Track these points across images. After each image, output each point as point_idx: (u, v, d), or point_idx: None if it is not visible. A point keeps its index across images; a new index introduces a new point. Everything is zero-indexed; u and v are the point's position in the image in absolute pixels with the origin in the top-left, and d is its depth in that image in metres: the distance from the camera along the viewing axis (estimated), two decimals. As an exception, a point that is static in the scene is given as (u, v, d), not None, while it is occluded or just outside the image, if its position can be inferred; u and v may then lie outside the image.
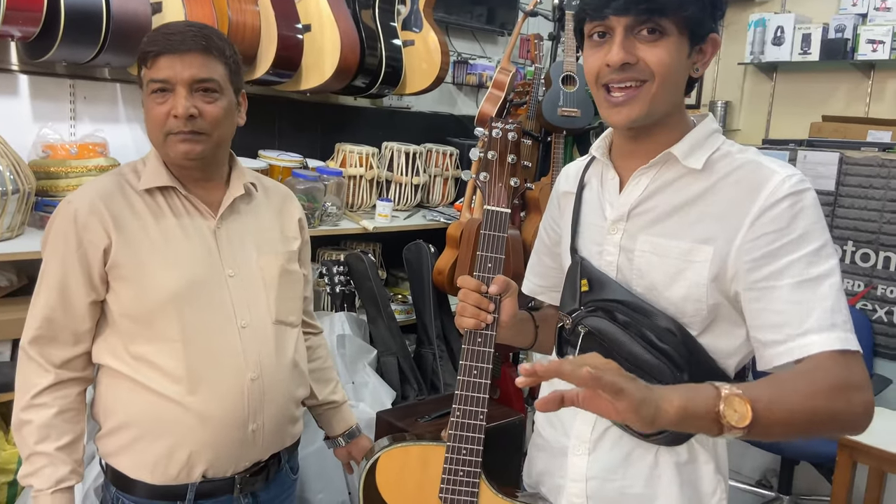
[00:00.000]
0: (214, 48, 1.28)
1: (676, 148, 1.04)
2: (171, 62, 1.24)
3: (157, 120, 1.26)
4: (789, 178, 0.98)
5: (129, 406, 1.31)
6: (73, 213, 1.28)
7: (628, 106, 1.00)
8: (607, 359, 0.82)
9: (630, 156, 1.10)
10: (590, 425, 1.12)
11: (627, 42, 0.98)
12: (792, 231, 0.96)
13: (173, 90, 1.25)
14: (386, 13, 2.84)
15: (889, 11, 3.40)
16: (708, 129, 1.07)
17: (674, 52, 0.98)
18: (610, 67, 0.99)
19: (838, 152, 3.02)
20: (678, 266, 1.03)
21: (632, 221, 1.08)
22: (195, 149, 1.28)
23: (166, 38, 1.25)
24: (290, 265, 1.45)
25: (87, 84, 2.34)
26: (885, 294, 2.92)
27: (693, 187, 1.04)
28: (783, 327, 0.95)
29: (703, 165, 1.03)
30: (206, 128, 1.28)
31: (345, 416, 1.66)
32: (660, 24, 0.97)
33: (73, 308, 1.29)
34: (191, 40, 1.25)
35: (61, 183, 2.09)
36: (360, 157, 2.87)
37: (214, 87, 1.28)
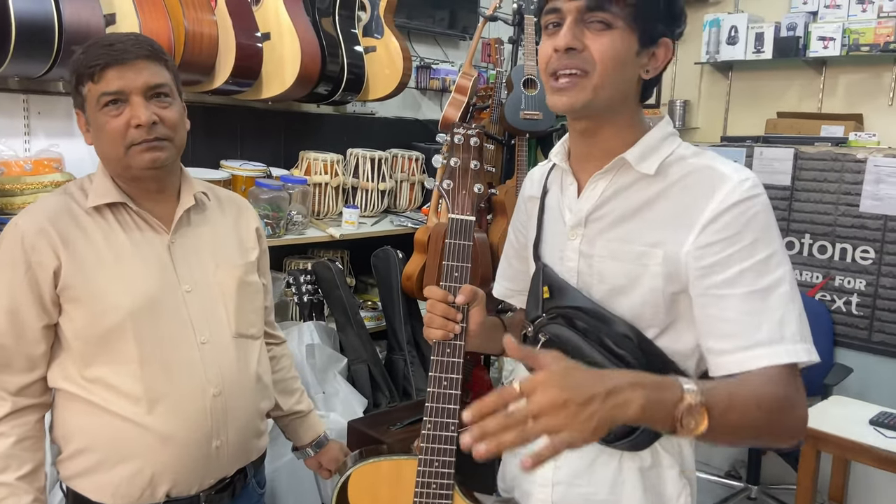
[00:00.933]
0: (158, 55, 1.27)
1: (629, 153, 1.05)
2: (121, 73, 1.22)
3: (116, 133, 1.24)
4: (742, 183, 0.98)
5: (89, 429, 1.28)
6: (20, 236, 1.24)
7: (570, 92, 1.00)
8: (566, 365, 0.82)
9: (586, 160, 1.10)
10: None
11: (576, 29, 0.99)
12: (743, 238, 0.97)
13: (127, 101, 1.23)
14: (346, 20, 2.84)
15: (839, 9, 3.50)
16: (662, 132, 1.07)
17: (619, 44, 0.99)
18: (557, 53, 1.00)
19: (793, 148, 3.09)
20: (635, 270, 1.04)
21: (590, 227, 1.09)
22: (160, 156, 1.26)
23: (109, 50, 1.22)
24: (248, 277, 1.43)
25: (40, 98, 2.29)
26: (842, 284, 3.00)
27: (646, 192, 1.05)
28: (732, 338, 0.96)
29: (657, 170, 1.04)
30: (168, 133, 1.27)
31: (312, 425, 1.64)
32: (608, 15, 0.98)
33: (26, 333, 1.26)
34: (135, 48, 1.24)
35: (16, 200, 2.04)
36: (325, 165, 2.85)
37: (167, 91, 1.27)
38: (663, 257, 1.01)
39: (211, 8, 2.35)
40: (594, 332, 1.05)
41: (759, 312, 0.95)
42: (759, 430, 0.92)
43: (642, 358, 1.03)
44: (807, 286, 3.07)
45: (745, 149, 3.19)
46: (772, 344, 0.94)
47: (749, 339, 0.95)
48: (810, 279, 3.07)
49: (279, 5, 2.52)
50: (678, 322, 1.05)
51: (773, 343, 0.94)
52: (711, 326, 0.99)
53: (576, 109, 1.02)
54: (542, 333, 1.11)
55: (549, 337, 1.10)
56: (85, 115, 1.28)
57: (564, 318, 1.08)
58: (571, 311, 1.08)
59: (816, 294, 3.05)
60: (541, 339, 1.11)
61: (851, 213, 2.96)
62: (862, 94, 3.59)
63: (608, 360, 1.03)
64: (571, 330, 1.07)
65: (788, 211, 3.10)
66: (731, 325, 0.96)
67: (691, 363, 1.07)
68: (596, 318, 1.06)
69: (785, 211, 3.11)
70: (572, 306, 1.08)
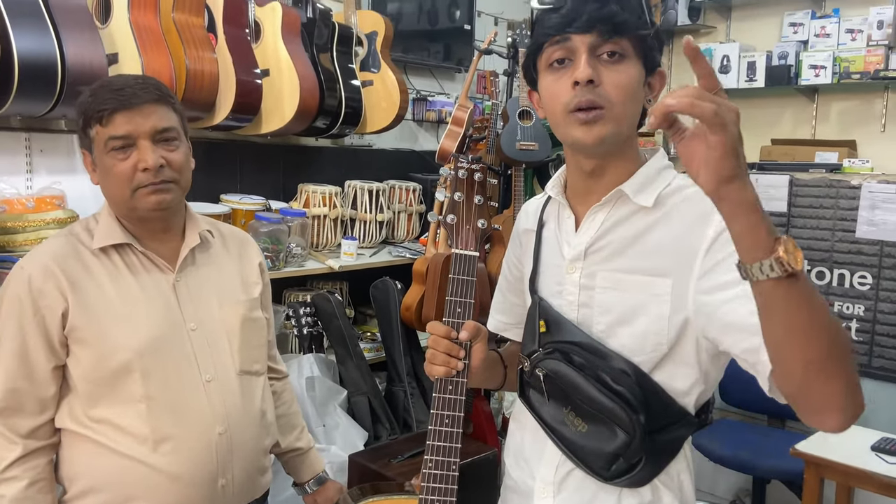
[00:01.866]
0: (166, 97, 1.29)
1: (627, 185, 1.05)
2: (130, 117, 1.24)
3: (123, 176, 1.25)
4: None
5: (95, 470, 1.28)
6: (28, 279, 1.26)
7: (599, 124, 0.99)
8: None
9: (585, 193, 1.10)
10: (553, 467, 1.12)
11: (591, 61, 0.98)
12: None
13: (135, 144, 1.25)
14: (344, 55, 2.88)
15: (829, 37, 3.56)
16: (659, 164, 1.08)
17: (633, 75, 1.00)
18: (578, 85, 0.97)
19: (788, 175, 3.12)
20: (640, 299, 1.04)
21: (589, 259, 1.09)
22: (166, 198, 1.28)
23: (118, 94, 1.24)
24: (252, 313, 1.44)
25: (42, 136, 2.31)
26: (841, 310, 3.01)
27: (644, 222, 1.05)
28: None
29: (654, 202, 1.05)
30: (175, 175, 1.28)
31: (311, 462, 1.64)
32: (620, 46, 0.98)
33: (37, 375, 1.27)
34: (143, 92, 1.26)
35: (19, 238, 2.05)
36: (324, 197, 2.87)
37: (174, 134, 1.30)
38: (672, 285, 1.01)
39: (212, 46, 2.39)
40: (591, 367, 1.05)
41: None
42: (832, 338, 0.80)
43: (640, 394, 1.02)
44: (805, 312, 3.08)
45: (740, 176, 3.22)
46: None
47: None
48: (809, 305, 3.07)
49: (278, 42, 2.56)
50: (674, 359, 1.04)
51: None
52: (742, 328, 0.92)
53: (605, 141, 1.00)
54: (538, 368, 1.10)
55: (546, 372, 1.09)
56: (91, 156, 1.30)
57: (561, 352, 1.08)
58: (568, 346, 1.08)
59: (815, 320, 3.06)
60: (539, 375, 1.10)
61: (848, 239, 2.97)
62: (854, 120, 3.64)
63: (605, 396, 1.02)
64: (568, 365, 1.06)
65: (785, 237, 3.12)
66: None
67: (690, 400, 1.06)
68: (593, 354, 1.05)
69: (781, 237, 3.13)
70: (569, 341, 1.08)
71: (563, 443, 1.09)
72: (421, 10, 3.51)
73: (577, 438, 1.07)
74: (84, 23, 2.07)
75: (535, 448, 1.15)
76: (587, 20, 0.97)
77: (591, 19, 0.97)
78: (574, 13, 0.98)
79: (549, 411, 1.11)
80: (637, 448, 1.02)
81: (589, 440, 1.06)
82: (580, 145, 1.02)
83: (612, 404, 1.02)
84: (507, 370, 1.28)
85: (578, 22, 0.98)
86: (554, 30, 1.00)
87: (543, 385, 1.10)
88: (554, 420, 1.10)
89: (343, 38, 2.88)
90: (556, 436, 1.10)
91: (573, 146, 1.05)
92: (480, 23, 3.80)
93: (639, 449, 1.02)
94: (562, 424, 1.09)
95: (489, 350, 1.18)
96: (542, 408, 1.12)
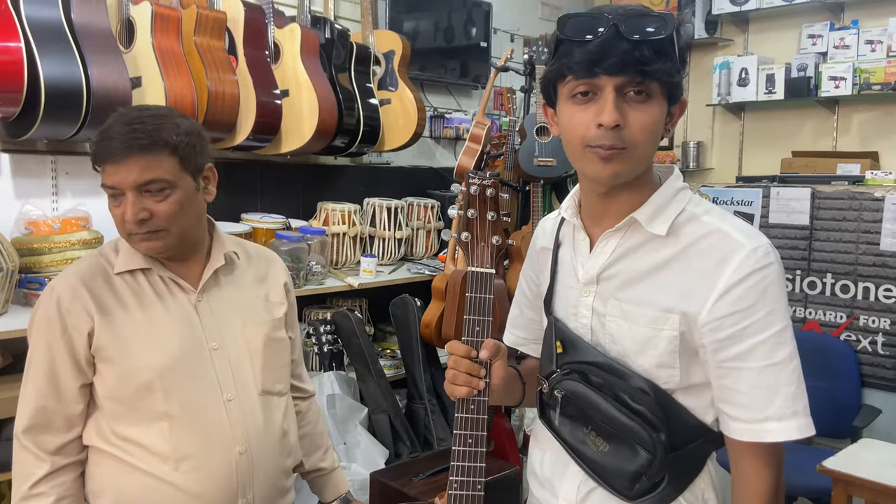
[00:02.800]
0: (155, 144, 1.23)
1: (640, 213, 1.04)
2: (115, 169, 1.22)
3: (118, 222, 1.27)
4: (754, 252, 0.98)
5: (119, 487, 1.30)
6: (57, 300, 1.29)
7: (616, 162, 0.97)
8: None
9: (600, 215, 1.09)
10: (575, 486, 1.11)
11: (618, 103, 0.95)
12: (757, 311, 0.96)
13: (123, 195, 1.24)
14: (362, 75, 2.91)
15: (848, 49, 3.54)
16: (673, 188, 1.06)
17: (657, 115, 0.98)
18: (602, 128, 0.95)
19: (810, 187, 3.09)
20: (647, 334, 1.03)
21: (602, 285, 1.08)
22: (156, 245, 1.28)
23: (106, 146, 1.22)
24: (275, 333, 1.45)
25: (68, 159, 2.36)
26: (867, 324, 2.96)
27: (659, 254, 1.04)
28: (747, 409, 0.98)
29: (668, 231, 1.03)
30: (162, 224, 1.26)
31: (335, 483, 1.63)
32: (648, 87, 0.96)
33: (64, 393, 1.29)
34: (127, 145, 1.21)
35: (45, 259, 2.08)
36: (343, 215, 2.89)
37: (162, 185, 1.24)
38: (679, 322, 1.01)
39: (232, 68, 2.43)
40: (609, 387, 1.04)
41: (772, 386, 0.97)
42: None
43: (660, 413, 1.02)
44: (831, 326, 3.03)
45: (761, 189, 3.20)
46: (782, 419, 0.96)
47: (761, 413, 0.97)
48: (834, 319, 3.03)
49: (297, 63, 2.60)
50: (692, 379, 1.04)
51: (783, 418, 0.97)
52: (725, 395, 1.00)
53: (621, 177, 1.00)
54: (557, 390, 1.10)
55: (565, 393, 1.09)
56: None
57: (579, 373, 1.07)
58: (586, 367, 1.07)
59: (841, 334, 3.01)
60: (557, 396, 1.10)
61: (872, 252, 2.93)
62: (876, 131, 3.60)
63: (625, 416, 1.02)
64: (587, 385, 1.06)
65: (809, 251, 3.08)
66: (745, 397, 0.97)
67: (710, 415, 1.06)
68: (611, 373, 1.05)
69: (805, 251, 3.09)
70: (586, 361, 1.07)
71: (584, 462, 1.09)
72: (437, 27, 3.54)
73: (599, 458, 1.07)
74: (108, 47, 2.11)
75: (558, 467, 1.15)
76: (618, 63, 0.94)
77: (622, 63, 0.93)
78: (604, 52, 0.94)
79: (569, 431, 1.11)
80: (659, 467, 1.01)
81: (610, 459, 1.05)
82: (595, 179, 1.01)
83: (632, 423, 1.02)
84: (525, 386, 1.27)
85: (608, 62, 0.94)
86: (581, 67, 0.95)
87: (562, 406, 1.10)
88: (575, 440, 1.10)
89: (361, 57, 2.91)
90: (577, 455, 1.10)
91: (588, 178, 1.04)
92: (496, 39, 3.83)
93: (661, 467, 1.01)
94: (583, 444, 1.09)
95: (508, 366, 1.18)
96: (562, 428, 1.12)
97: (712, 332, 0.99)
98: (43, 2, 2.01)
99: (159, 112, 1.29)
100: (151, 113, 1.28)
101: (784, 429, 0.96)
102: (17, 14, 1.96)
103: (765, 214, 3.15)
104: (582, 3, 4.50)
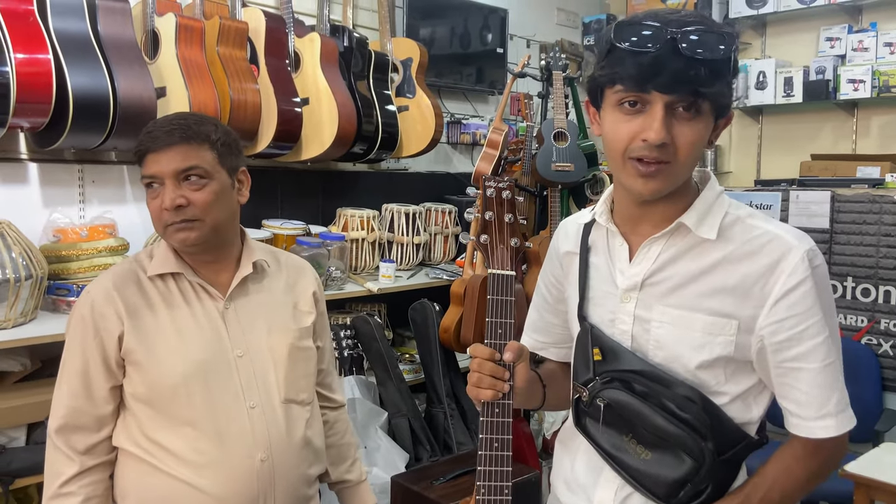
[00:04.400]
0: (197, 135, 1.30)
1: (687, 217, 1.03)
2: (156, 158, 1.29)
3: (154, 214, 1.32)
4: (807, 255, 0.99)
5: (143, 489, 1.32)
6: (91, 303, 1.33)
7: (658, 179, 0.97)
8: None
9: (637, 221, 1.07)
10: (612, 491, 1.10)
11: (667, 120, 0.93)
12: (814, 313, 0.99)
13: (162, 184, 1.30)
14: (380, 82, 2.94)
15: (867, 52, 3.51)
16: (714, 192, 1.05)
17: (703, 131, 0.97)
18: (646, 143, 0.94)
19: (829, 190, 3.07)
20: (702, 339, 1.02)
21: (645, 291, 1.06)
22: (190, 236, 1.31)
23: (150, 137, 1.31)
24: (301, 342, 1.45)
25: (94, 168, 2.41)
26: (888, 328, 2.93)
27: (708, 257, 1.03)
28: (806, 406, 1.02)
29: (717, 234, 1.02)
30: (198, 214, 1.30)
31: (362, 495, 1.63)
32: (698, 106, 0.94)
33: (95, 394, 1.32)
34: (170, 134, 1.29)
35: (73, 266, 2.13)
36: (362, 221, 2.92)
37: (200, 173, 1.30)
38: (737, 329, 1.01)
39: (254, 77, 2.47)
40: (654, 395, 1.03)
41: (829, 385, 1.01)
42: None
43: (707, 421, 1.01)
44: (852, 330, 3.01)
45: (780, 192, 3.18)
46: (839, 413, 1.02)
47: (821, 410, 1.01)
48: (855, 323, 3.01)
49: (317, 71, 2.64)
50: (739, 386, 1.05)
51: (839, 413, 1.02)
52: (786, 392, 1.04)
53: (661, 193, 1.00)
54: (598, 399, 1.08)
55: (607, 402, 1.07)
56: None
57: (621, 381, 1.06)
58: (629, 375, 1.06)
59: (862, 338, 2.99)
60: (600, 405, 1.08)
61: (893, 255, 2.91)
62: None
63: (672, 425, 1.02)
64: (630, 394, 1.05)
65: (829, 254, 3.07)
66: (805, 395, 1.01)
67: (751, 424, 1.07)
68: (655, 382, 1.04)
69: (825, 254, 3.07)
70: (629, 370, 1.06)
71: (623, 469, 1.08)
72: (454, 34, 3.57)
73: (640, 465, 1.06)
74: (134, 59, 2.16)
75: (591, 473, 1.14)
76: (671, 81, 0.91)
77: (675, 82, 0.91)
78: (658, 68, 0.91)
79: (608, 439, 1.09)
80: (706, 475, 1.02)
81: (652, 467, 1.04)
82: (634, 193, 1.01)
83: (679, 432, 1.01)
84: (545, 389, 1.25)
85: (661, 79, 0.91)
86: (633, 81, 0.93)
87: (604, 415, 1.08)
88: (613, 447, 1.09)
89: (379, 65, 2.95)
90: (615, 462, 1.09)
91: (626, 189, 1.03)
92: (513, 45, 3.84)
93: (708, 476, 1.02)
94: (622, 452, 1.08)
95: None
96: (600, 436, 1.11)
97: (771, 335, 1.01)
98: (70, 15, 2.07)
99: (200, 115, 1.38)
100: (192, 114, 1.38)
101: (839, 424, 1.01)
102: (45, 27, 2.01)
103: (784, 218, 3.14)
104: (598, 7, 4.50)
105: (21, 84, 1.92)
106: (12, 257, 1.93)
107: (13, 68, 1.91)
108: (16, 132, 2.22)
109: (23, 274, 1.94)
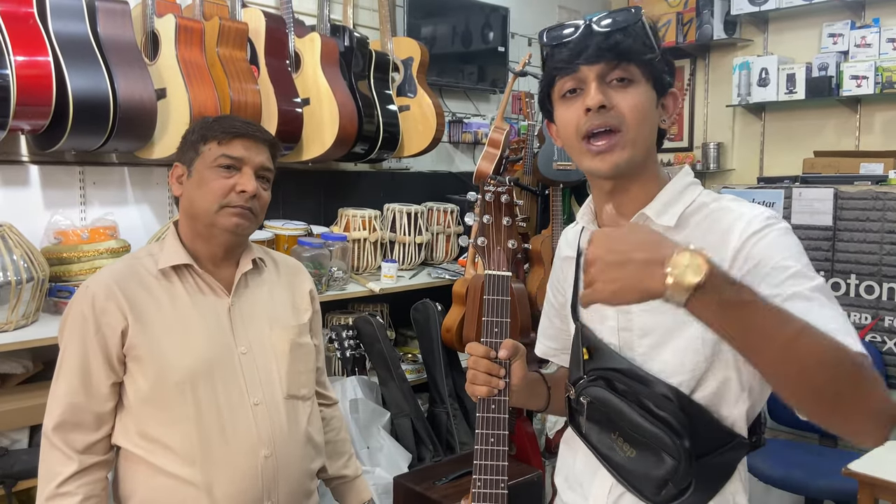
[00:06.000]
0: (276, 145, 1.46)
1: (649, 208, 1.06)
2: (248, 145, 1.37)
3: (218, 191, 1.35)
4: (757, 216, 1.00)
5: (147, 489, 1.32)
6: (91, 298, 1.32)
7: (614, 152, 1.02)
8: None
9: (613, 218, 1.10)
10: (605, 490, 1.12)
11: (602, 88, 1.02)
12: (773, 258, 0.95)
13: (240, 169, 1.36)
14: (381, 82, 2.94)
15: (870, 48, 3.50)
16: (682, 183, 1.08)
17: (643, 97, 1.03)
18: (590, 111, 1.01)
19: (832, 187, 3.06)
20: (675, 319, 1.03)
21: None
22: (244, 223, 1.37)
23: (244, 126, 1.39)
24: (301, 338, 1.48)
25: (95, 170, 2.41)
26: (892, 325, 2.92)
27: None
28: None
29: (677, 222, 1.05)
30: (259, 209, 1.39)
31: (358, 491, 1.65)
32: (628, 71, 1.02)
33: (95, 390, 1.32)
34: (262, 133, 1.42)
35: (74, 268, 2.13)
36: (363, 221, 2.92)
37: (270, 177, 1.43)
38: None
39: (254, 77, 2.47)
40: (633, 393, 1.05)
41: (807, 312, 0.86)
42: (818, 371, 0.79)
43: (684, 419, 1.01)
44: (856, 328, 3.00)
45: (782, 190, 3.17)
46: (847, 335, 0.87)
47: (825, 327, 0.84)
48: (859, 320, 3.00)
49: (317, 71, 2.64)
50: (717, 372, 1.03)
51: (848, 335, 0.87)
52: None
53: (619, 167, 1.03)
54: (583, 396, 1.10)
55: (590, 399, 1.09)
56: (189, 169, 1.39)
57: (604, 379, 1.08)
58: (611, 373, 1.08)
59: (866, 336, 2.97)
60: (583, 402, 1.10)
61: (897, 252, 2.90)
62: (900, 130, 3.56)
63: (649, 423, 1.02)
64: (611, 392, 1.07)
65: (832, 251, 3.05)
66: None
67: (737, 418, 1.05)
68: (634, 380, 1.05)
69: (829, 251, 3.06)
70: (611, 368, 1.08)
71: (613, 467, 1.09)
72: (455, 33, 3.56)
73: (627, 463, 1.07)
74: (134, 60, 2.16)
75: (588, 471, 1.16)
76: (595, 51, 1.01)
77: (598, 50, 1.01)
78: (581, 46, 1.03)
79: (597, 437, 1.11)
80: (685, 473, 1.01)
81: (638, 465, 1.05)
82: (596, 173, 1.06)
83: (656, 430, 1.02)
84: (551, 392, 1.28)
85: (586, 53, 1.02)
86: (564, 63, 1.04)
87: (589, 412, 1.11)
88: (603, 445, 1.11)
89: (380, 64, 2.94)
90: (606, 461, 1.10)
91: (589, 173, 1.08)
92: (514, 44, 3.84)
93: (686, 474, 1.01)
94: (611, 450, 1.09)
95: (531, 371, 1.19)
96: (590, 434, 1.13)
97: None
98: (70, 17, 2.07)
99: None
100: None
101: (853, 343, 0.86)
102: (45, 29, 2.01)
103: (787, 215, 3.13)
104: (600, 4, 4.49)
105: (21, 86, 1.92)
106: (13, 259, 1.93)
107: (13, 71, 1.91)
108: (16, 134, 2.23)
109: (24, 276, 1.94)
